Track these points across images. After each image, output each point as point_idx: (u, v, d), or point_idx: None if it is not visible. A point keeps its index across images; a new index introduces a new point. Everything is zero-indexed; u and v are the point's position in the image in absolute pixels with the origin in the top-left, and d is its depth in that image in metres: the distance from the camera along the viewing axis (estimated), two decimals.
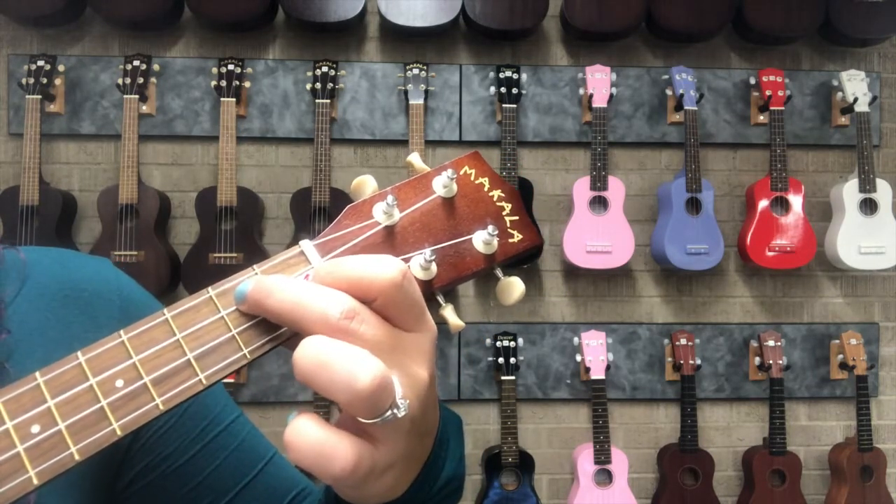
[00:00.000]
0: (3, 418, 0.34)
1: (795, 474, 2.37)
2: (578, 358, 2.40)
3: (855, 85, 2.43)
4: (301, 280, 0.38)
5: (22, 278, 0.55)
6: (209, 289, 0.39)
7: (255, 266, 0.40)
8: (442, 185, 0.45)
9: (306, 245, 0.42)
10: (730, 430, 2.56)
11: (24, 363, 0.52)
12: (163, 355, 0.37)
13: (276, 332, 0.39)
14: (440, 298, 0.44)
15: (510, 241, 0.46)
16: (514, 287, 0.45)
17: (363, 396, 0.35)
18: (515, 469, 2.32)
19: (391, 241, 0.44)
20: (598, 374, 2.34)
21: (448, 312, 0.44)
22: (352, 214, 0.44)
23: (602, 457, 2.30)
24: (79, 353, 0.36)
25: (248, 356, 0.38)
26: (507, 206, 0.47)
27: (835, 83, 2.50)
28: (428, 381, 0.39)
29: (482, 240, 0.44)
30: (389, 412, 0.36)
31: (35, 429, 0.34)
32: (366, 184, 0.45)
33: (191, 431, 0.59)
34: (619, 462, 2.32)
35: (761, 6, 2.40)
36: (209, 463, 0.59)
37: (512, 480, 2.34)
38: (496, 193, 0.47)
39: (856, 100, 2.41)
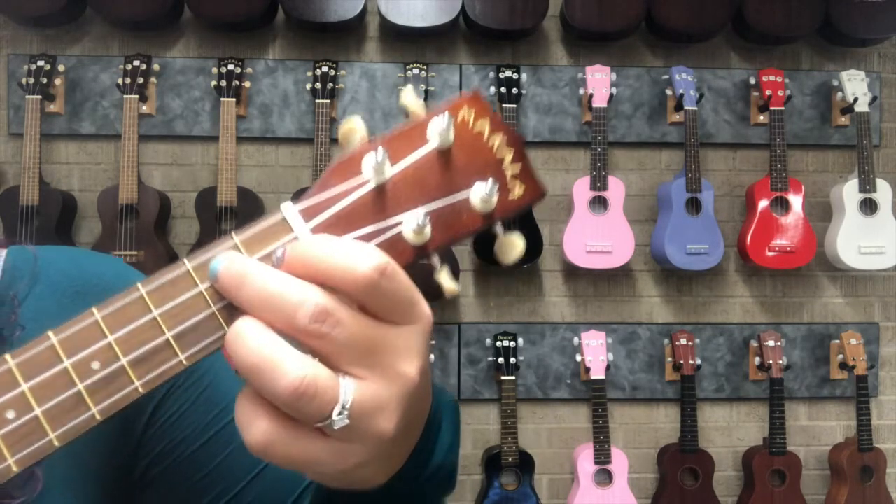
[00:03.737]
0: None
1: (795, 474, 2.37)
2: (578, 358, 2.40)
3: (855, 85, 2.43)
4: (272, 272, 0.35)
5: (34, 276, 0.56)
6: (185, 261, 0.37)
7: (234, 234, 0.37)
8: (437, 132, 0.41)
9: (289, 210, 0.38)
10: (730, 430, 2.56)
11: None
12: (140, 335, 0.35)
13: None
14: (434, 260, 0.41)
15: (510, 196, 0.42)
16: (513, 245, 0.42)
17: (285, 403, 0.33)
18: (515, 469, 2.32)
19: (382, 201, 0.40)
20: (598, 374, 2.34)
21: (443, 277, 0.41)
22: (339, 170, 0.40)
23: (602, 457, 2.30)
24: (50, 334, 0.35)
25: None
26: (508, 156, 0.42)
27: (835, 83, 2.50)
28: (416, 379, 0.37)
29: (480, 197, 0.40)
30: (324, 422, 0.34)
31: (10, 414, 0.33)
32: (354, 130, 0.40)
33: (204, 417, 0.59)
34: (619, 462, 2.32)
35: (761, 6, 2.40)
36: (222, 449, 0.59)
37: (512, 480, 2.34)
38: (496, 141, 0.42)
39: (856, 100, 2.41)
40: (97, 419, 0.34)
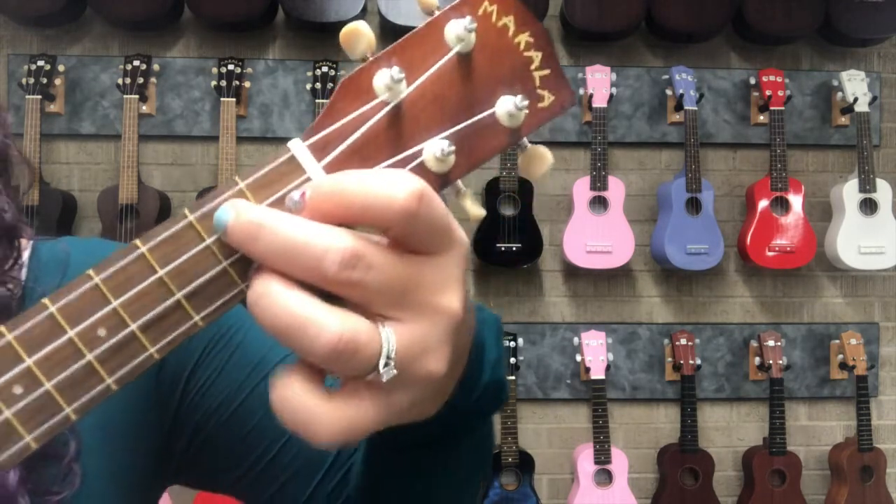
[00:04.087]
0: None
1: (795, 474, 2.37)
2: (578, 358, 2.40)
3: (855, 85, 2.43)
4: (289, 219, 0.31)
5: (63, 270, 0.56)
6: (187, 211, 0.33)
7: (237, 178, 0.34)
8: (457, 36, 0.35)
9: (297, 147, 0.34)
10: (730, 430, 2.56)
11: None
12: (146, 296, 0.32)
13: None
14: (458, 184, 0.37)
15: (539, 104, 0.37)
16: (542, 157, 0.38)
17: (325, 363, 0.31)
18: (515, 469, 2.32)
19: (399, 126, 0.35)
20: (598, 374, 2.34)
21: (468, 201, 0.36)
22: (348, 92, 0.35)
23: (602, 457, 2.30)
24: (47, 302, 0.32)
25: (247, 289, 0.33)
26: (537, 57, 0.37)
27: (835, 83, 2.50)
28: (459, 311, 0.34)
29: (507, 111, 0.35)
30: (371, 374, 0.32)
31: (18, 390, 0.31)
32: (359, 35, 0.35)
33: (236, 380, 0.58)
34: (619, 462, 2.32)
35: (761, 6, 2.40)
36: (259, 408, 0.58)
37: (512, 480, 2.34)
38: (523, 39, 0.36)
39: (856, 100, 2.41)
40: (113, 389, 0.32)
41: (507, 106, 0.36)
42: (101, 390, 0.32)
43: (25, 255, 0.56)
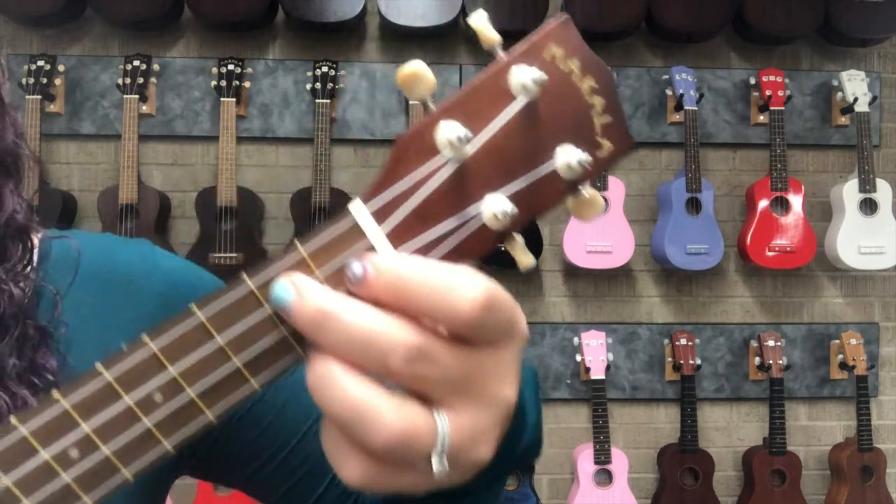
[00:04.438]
0: (35, 448, 0.31)
1: (795, 474, 2.37)
2: (578, 358, 2.40)
3: (855, 85, 2.43)
4: (356, 310, 0.31)
5: (75, 268, 0.56)
6: (245, 277, 0.32)
7: (299, 244, 0.33)
8: (523, 85, 0.33)
9: (359, 211, 0.33)
10: (730, 430, 2.56)
11: (85, 354, 0.52)
12: (204, 363, 0.32)
13: None
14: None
15: (598, 153, 0.35)
16: (595, 205, 0.35)
17: (380, 453, 0.31)
18: (515, 469, 2.32)
19: (462, 185, 0.33)
20: (598, 374, 2.34)
21: (518, 250, 0.35)
22: (409, 149, 0.34)
23: (602, 457, 2.30)
24: (101, 368, 0.32)
25: (304, 355, 0.33)
26: (599, 103, 0.35)
27: (835, 83, 2.50)
28: (513, 399, 0.34)
29: (567, 164, 0.34)
30: (421, 465, 0.32)
31: (74, 453, 0.31)
32: (420, 78, 0.33)
33: None
34: (619, 462, 2.32)
35: (761, 6, 2.40)
36: (269, 410, 0.59)
37: (512, 480, 2.34)
38: (587, 84, 0.35)
39: (856, 100, 2.41)
40: (171, 452, 0.32)
41: (567, 159, 0.34)
42: (159, 453, 0.32)
43: (35, 252, 0.56)
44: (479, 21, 0.35)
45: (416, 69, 0.33)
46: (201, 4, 2.30)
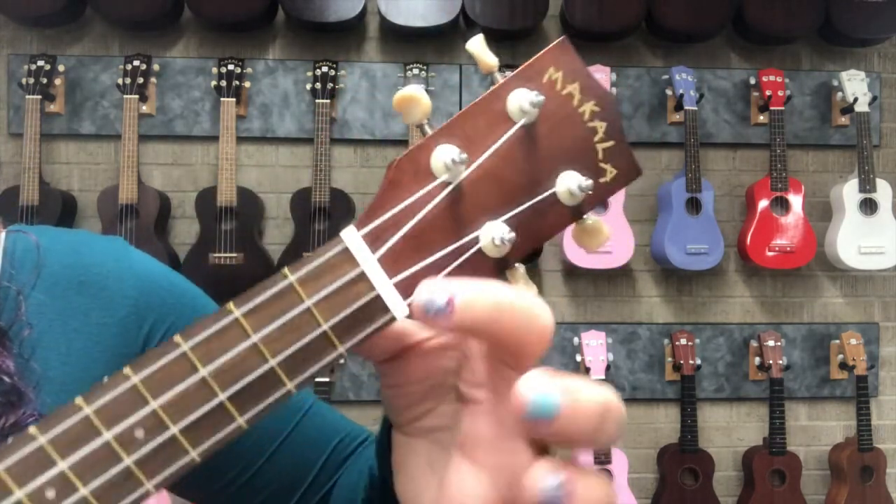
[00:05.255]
0: (10, 487, 0.29)
1: (795, 474, 2.37)
2: (578, 358, 2.40)
3: (855, 85, 2.43)
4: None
5: (38, 266, 0.54)
6: (232, 307, 0.31)
7: (289, 270, 0.32)
8: (520, 108, 0.33)
9: (350, 237, 0.32)
10: (730, 430, 2.56)
11: (48, 358, 0.51)
12: (188, 397, 0.30)
13: (324, 361, 0.32)
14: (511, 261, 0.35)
15: (601, 180, 0.34)
16: (599, 233, 0.35)
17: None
18: None
19: (457, 209, 0.33)
20: (597, 374, 2.34)
21: (520, 278, 0.34)
22: (405, 174, 0.33)
23: (602, 456, 2.30)
24: (81, 402, 0.30)
25: (294, 390, 0.31)
26: (601, 127, 0.34)
27: (835, 83, 2.50)
28: None
29: (569, 190, 0.33)
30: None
31: (50, 494, 0.29)
32: (416, 102, 0.33)
33: None
34: (619, 462, 2.32)
35: (761, 6, 2.40)
36: None
37: None
38: (588, 108, 0.34)
39: (856, 100, 2.41)
40: (152, 492, 0.30)
41: (568, 184, 0.33)
42: (140, 494, 0.30)
43: None
44: (476, 46, 0.34)
45: (412, 93, 0.33)
46: (201, 4, 2.30)
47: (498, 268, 0.33)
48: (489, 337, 0.30)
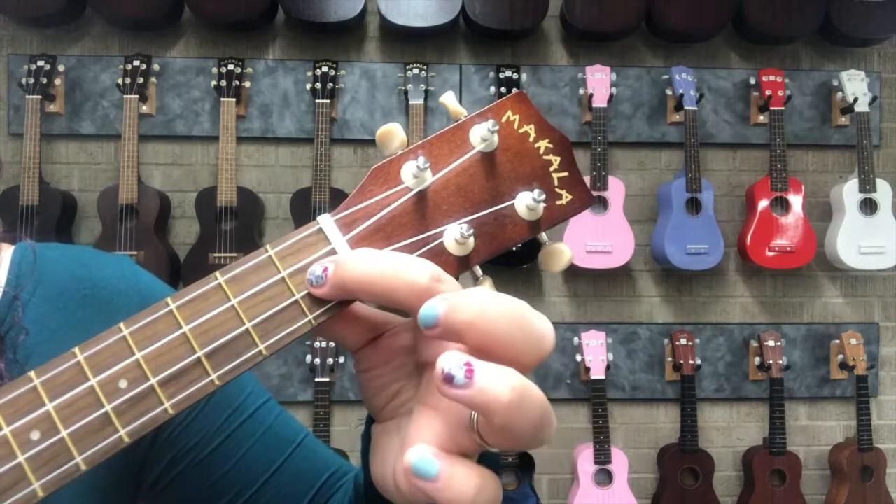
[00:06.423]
0: (0, 424, 0.31)
1: (795, 474, 2.37)
2: (578, 358, 2.40)
3: (855, 85, 2.43)
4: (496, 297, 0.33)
5: (36, 275, 0.54)
6: (217, 274, 0.35)
7: (268, 246, 0.36)
8: (481, 137, 0.39)
9: (325, 221, 0.37)
10: (730, 430, 2.56)
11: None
12: (169, 352, 0.33)
13: (294, 327, 0.35)
14: (477, 271, 0.39)
15: (558, 202, 0.40)
16: (561, 253, 0.40)
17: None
18: (515, 469, 2.32)
19: (422, 210, 0.38)
20: (598, 374, 2.34)
21: (488, 284, 0.39)
22: (377, 178, 0.39)
23: (602, 457, 2.30)
24: (77, 350, 0.33)
25: (265, 353, 0.34)
26: (556, 160, 0.40)
27: (835, 83, 2.50)
28: None
29: (526, 205, 0.39)
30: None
31: (35, 435, 0.31)
32: (393, 135, 0.39)
33: (215, 422, 0.58)
34: (619, 462, 2.32)
35: (761, 6, 2.40)
36: (235, 452, 0.58)
37: (512, 480, 2.34)
38: (543, 144, 0.40)
39: (856, 100, 2.41)
40: (125, 441, 0.32)
41: (525, 200, 0.39)
42: (114, 441, 0.32)
43: (7, 261, 0.55)
44: (448, 99, 0.40)
45: (391, 128, 0.39)
46: (201, 4, 2.30)
47: (460, 267, 0.38)
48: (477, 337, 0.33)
